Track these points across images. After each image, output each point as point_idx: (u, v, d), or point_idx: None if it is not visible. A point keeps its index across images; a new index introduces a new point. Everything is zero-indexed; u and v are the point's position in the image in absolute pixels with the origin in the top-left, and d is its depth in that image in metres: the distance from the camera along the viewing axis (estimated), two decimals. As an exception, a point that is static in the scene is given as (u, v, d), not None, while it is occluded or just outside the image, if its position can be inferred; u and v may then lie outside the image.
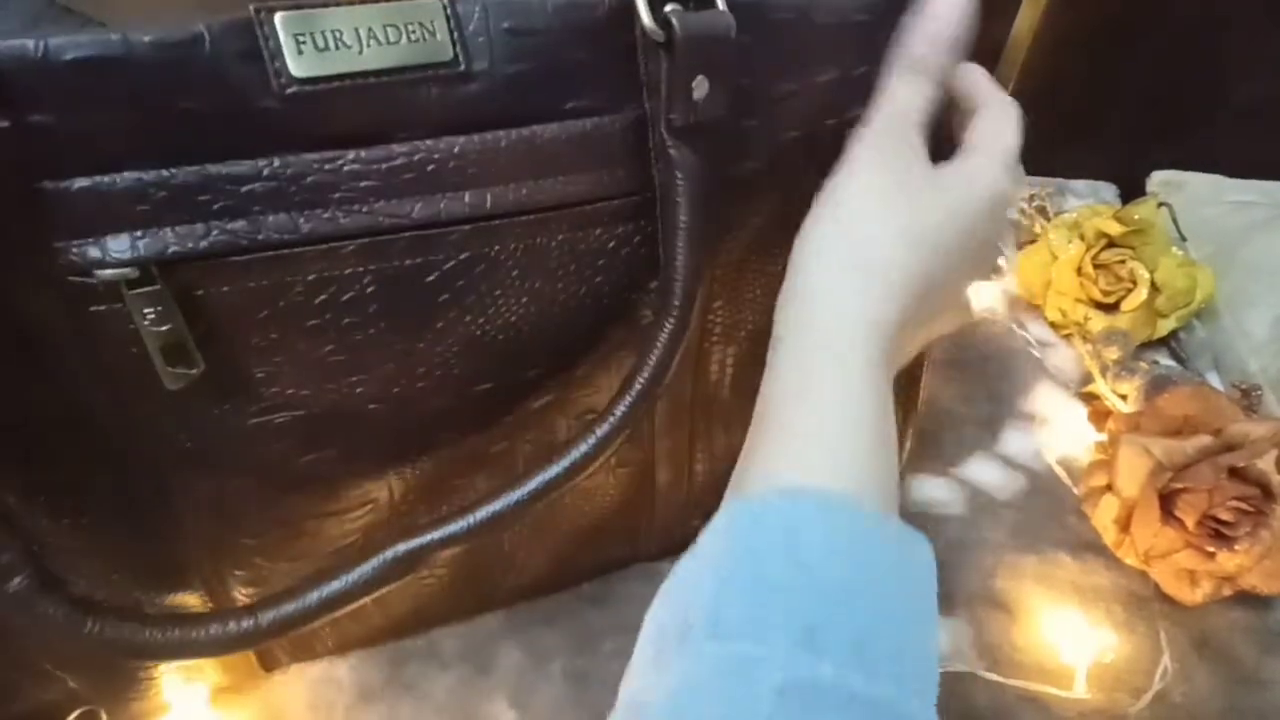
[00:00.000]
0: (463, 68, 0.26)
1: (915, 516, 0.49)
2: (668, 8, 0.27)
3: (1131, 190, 0.72)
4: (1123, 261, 0.60)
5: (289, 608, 0.29)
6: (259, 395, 0.29)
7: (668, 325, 0.31)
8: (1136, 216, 0.60)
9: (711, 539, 0.25)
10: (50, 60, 0.21)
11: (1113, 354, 0.55)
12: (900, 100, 0.30)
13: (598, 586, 0.45)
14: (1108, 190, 0.74)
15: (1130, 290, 0.59)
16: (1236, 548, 0.42)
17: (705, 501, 0.43)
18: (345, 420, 0.31)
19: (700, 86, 0.28)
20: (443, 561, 0.38)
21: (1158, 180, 0.70)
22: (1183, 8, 0.68)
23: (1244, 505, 0.43)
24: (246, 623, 0.28)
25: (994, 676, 0.41)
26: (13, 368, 0.26)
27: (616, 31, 0.27)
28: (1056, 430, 0.55)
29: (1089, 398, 0.56)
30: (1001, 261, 0.58)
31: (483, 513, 0.30)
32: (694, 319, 0.31)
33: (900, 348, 0.29)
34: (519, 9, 0.26)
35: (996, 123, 0.31)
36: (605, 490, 0.40)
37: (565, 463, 0.31)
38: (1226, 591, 0.44)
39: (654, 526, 0.43)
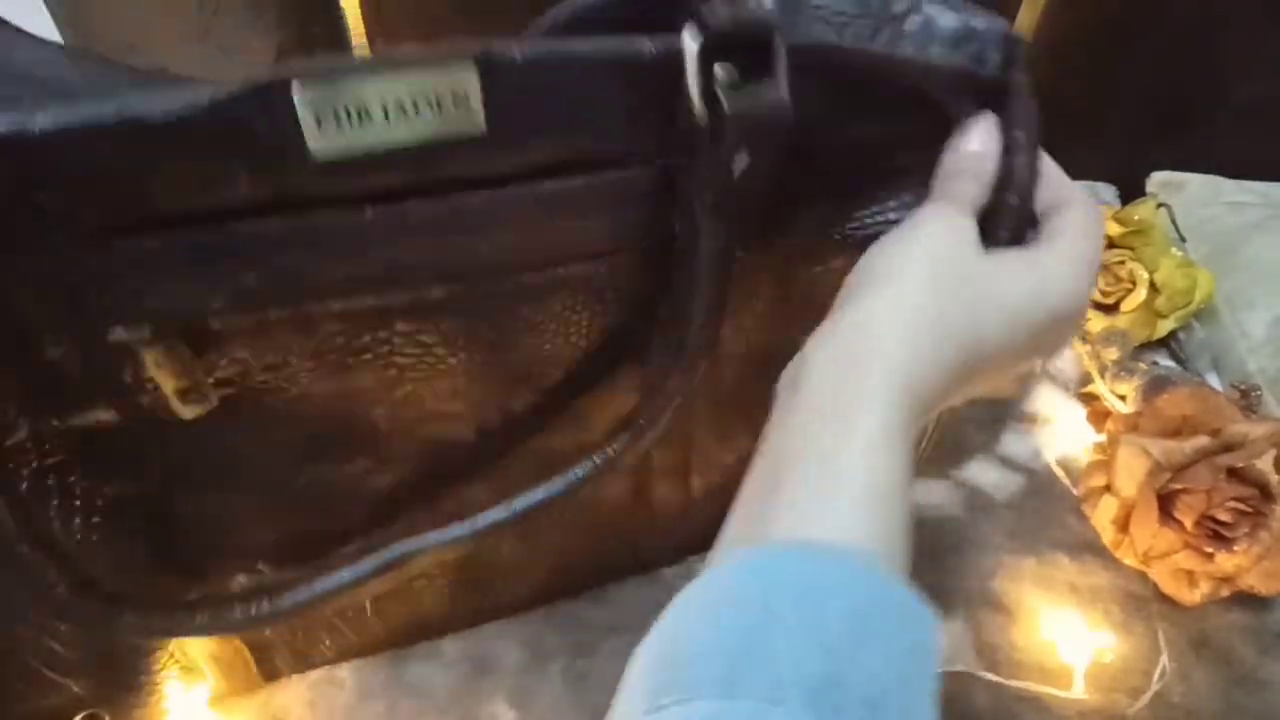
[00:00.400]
0: (494, 135, 0.24)
1: (915, 518, 0.49)
2: (718, 71, 0.24)
3: (1131, 191, 0.72)
4: (1122, 262, 0.60)
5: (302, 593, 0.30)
6: (268, 420, 0.29)
7: (676, 377, 0.30)
8: (1136, 217, 0.60)
9: (716, 585, 0.24)
10: (69, 129, 0.21)
11: (1112, 354, 0.55)
12: (950, 198, 0.30)
13: (595, 586, 0.45)
14: (1107, 191, 0.74)
15: (1129, 291, 0.59)
16: (1235, 548, 0.42)
17: (703, 509, 0.43)
18: (352, 439, 0.31)
19: (741, 162, 0.26)
20: (442, 572, 0.39)
21: (1157, 181, 0.70)
22: (1182, 8, 0.68)
23: (1242, 506, 0.43)
24: (265, 604, 0.29)
25: (993, 677, 0.41)
26: (37, 398, 0.26)
27: (658, 90, 0.26)
28: (1055, 431, 0.55)
29: (1088, 398, 0.56)
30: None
31: (462, 528, 0.30)
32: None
33: (928, 411, 0.28)
34: (557, 67, 0.24)
35: (1081, 221, 0.30)
36: (602, 501, 0.40)
37: (560, 484, 0.31)
38: (1225, 592, 0.44)
39: (654, 535, 0.43)
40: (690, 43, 0.24)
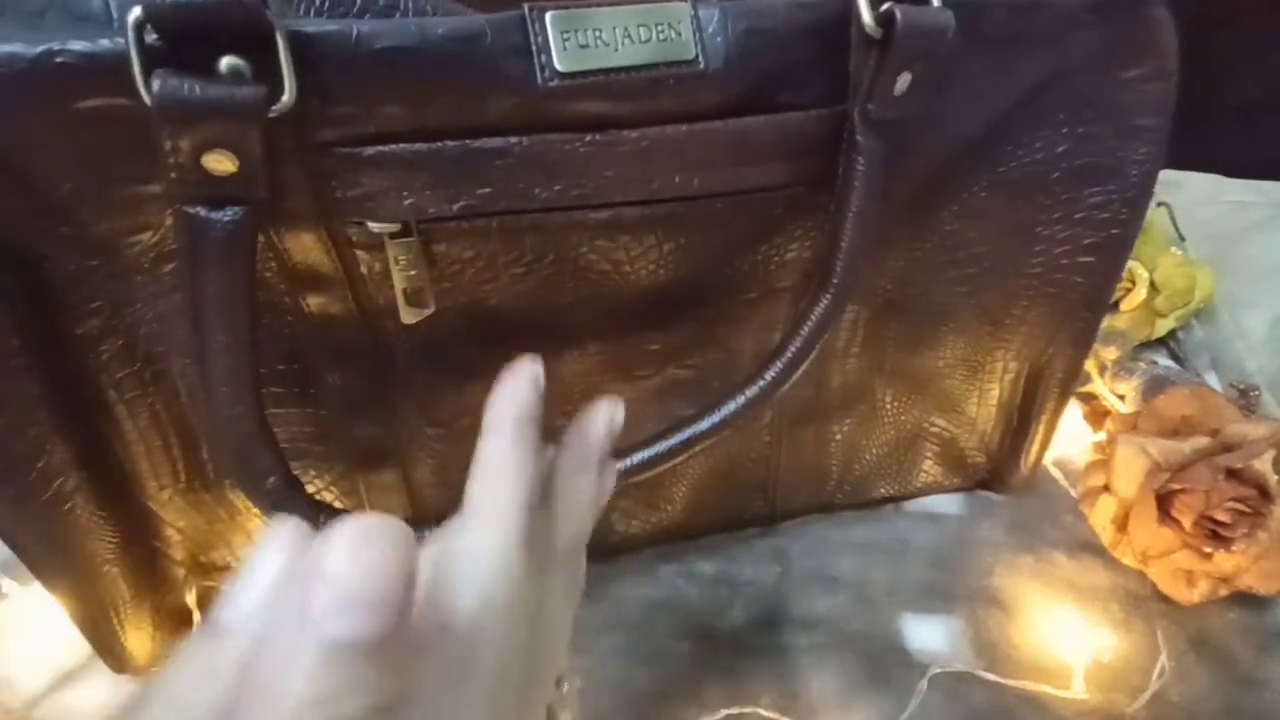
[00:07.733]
0: (701, 66, 0.28)
1: (914, 516, 0.49)
2: (887, 5, 0.27)
3: (1130, 190, 0.72)
4: (1121, 261, 0.60)
5: None
6: (473, 321, 0.33)
7: (824, 300, 0.32)
8: (1135, 216, 0.60)
9: None
10: (360, 47, 0.24)
11: (1111, 354, 0.55)
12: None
13: (594, 584, 0.44)
14: (1107, 190, 0.74)
15: (1129, 290, 0.59)
16: (1233, 548, 0.42)
17: (831, 461, 0.46)
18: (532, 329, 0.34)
19: (903, 81, 0.28)
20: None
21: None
22: (1183, 8, 0.68)
23: (1241, 506, 0.43)
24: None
25: (992, 676, 0.41)
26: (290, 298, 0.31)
27: (838, 31, 0.29)
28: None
29: (1087, 397, 0.56)
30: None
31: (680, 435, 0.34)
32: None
33: None
34: (754, 11, 0.28)
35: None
36: (741, 438, 0.43)
37: (716, 417, 0.33)
38: (1223, 592, 0.44)
39: (779, 480, 0.45)
40: None
